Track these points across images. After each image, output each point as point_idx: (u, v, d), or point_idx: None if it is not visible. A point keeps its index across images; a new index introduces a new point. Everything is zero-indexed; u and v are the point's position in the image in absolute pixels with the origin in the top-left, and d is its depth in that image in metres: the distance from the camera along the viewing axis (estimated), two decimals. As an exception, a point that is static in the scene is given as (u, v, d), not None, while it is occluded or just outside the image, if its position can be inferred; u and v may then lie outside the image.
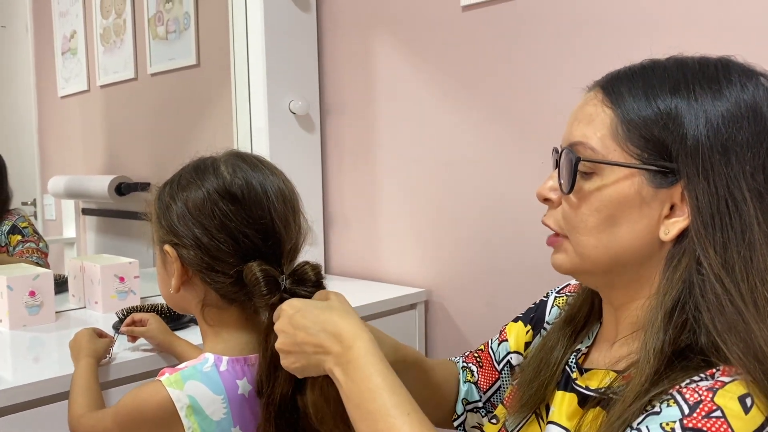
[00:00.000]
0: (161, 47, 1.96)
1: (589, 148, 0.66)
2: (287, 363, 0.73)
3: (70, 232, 1.99)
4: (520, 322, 0.94)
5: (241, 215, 0.80)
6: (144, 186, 1.90)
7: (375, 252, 1.74)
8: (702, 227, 0.61)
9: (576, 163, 0.66)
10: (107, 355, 1.06)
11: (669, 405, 0.56)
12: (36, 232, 1.70)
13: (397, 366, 0.75)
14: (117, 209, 1.93)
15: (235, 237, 0.80)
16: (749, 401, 0.54)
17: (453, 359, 1.00)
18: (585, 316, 0.78)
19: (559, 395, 0.73)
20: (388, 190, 1.70)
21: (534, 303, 0.94)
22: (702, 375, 0.57)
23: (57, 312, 1.37)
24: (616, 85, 0.67)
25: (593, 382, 0.69)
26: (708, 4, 1.15)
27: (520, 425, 0.78)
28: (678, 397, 0.56)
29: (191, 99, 1.97)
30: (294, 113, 1.74)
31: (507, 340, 0.94)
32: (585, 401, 0.69)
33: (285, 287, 0.80)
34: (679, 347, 0.60)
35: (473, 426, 0.96)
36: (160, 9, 1.96)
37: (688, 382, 0.57)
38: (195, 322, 1.26)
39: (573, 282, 0.88)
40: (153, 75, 2.00)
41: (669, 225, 0.64)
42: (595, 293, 0.77)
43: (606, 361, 0.70)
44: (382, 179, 1.71)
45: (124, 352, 1.10)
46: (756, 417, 0.54)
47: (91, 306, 1.43)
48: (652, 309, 0.63)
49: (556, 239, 0.71)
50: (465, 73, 1.51)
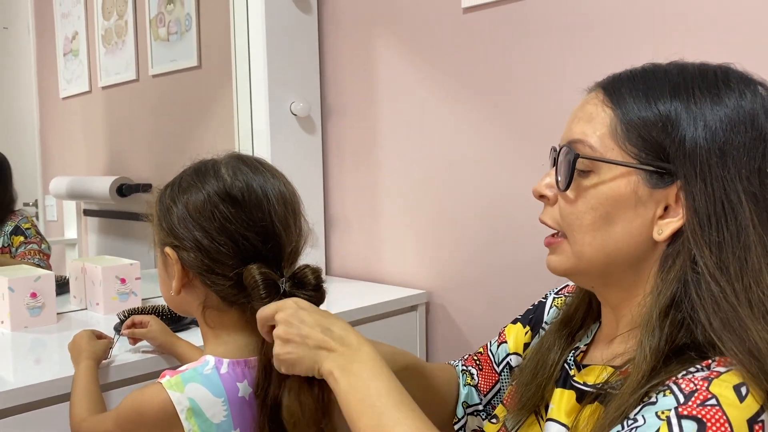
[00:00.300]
0: (163, 49, 1.96)
1: (588, 145, 0.67)
2: (282, 351, 0.73)
3: (71, 233, 1.99)
4: (519, 323, 0.95)
5: (242, 218, 0.80)
6: (145, 187, 1.90)
7: (376, 253, 1.74)
8: (698, 227, 0.62)
9: (574, 160, 0.67)
10: (107, 356, 1.06)
11: (665, 395, 0.57)
12: (39, 233, 1.70)
13: (396, 374, 0.75)
14: (118, 210, 1.93)
15: (235, 239, 0.80)
16: (744, 390, 0.55)
17: (452, 363, 1.01)
18: (582, 316, 0.79)
19: (558, 392, 0.73)
20: (389, 191, 1.70)
21: (533, 305, 0.95)
22: (698, 366, 0.58)
23: (58, 313, 1.37)
24: (617, 86, 0.68)
25: (590, 377, 0.70)
26: (710, 9, 1.15)
27: (519, 424, 0.78)
28: (674, 387, 0.57)
29: (192, 100, 1.97)
30: (295, 115, 1.74)
31: (506, 341, 0.94)
32: (583, 397, 0.70)
33: (284, 290, 0.80)
34: (676, 345, 0.61)
35: (473, 429, 0.97)
36: (161, 10, 1.96)
37: (684, 373, 0.58)
38: (196, 323, 1.26)
39: (571, 283, 0.88)
40: (154, 76, 2.00)
41: (662, 225, 0.65)
42: (592, 294, 0.77)
43: (604, 358, 0.71)
44: (383, 180, 1.71)
45: (124, 353, 1.11)
46: (751, 405, 0.55)
47: (93, 307, 1.43)
48: (647, 308, 0.64)
49: (553, 240, 0.71)
50: (466, 75, 1.51)
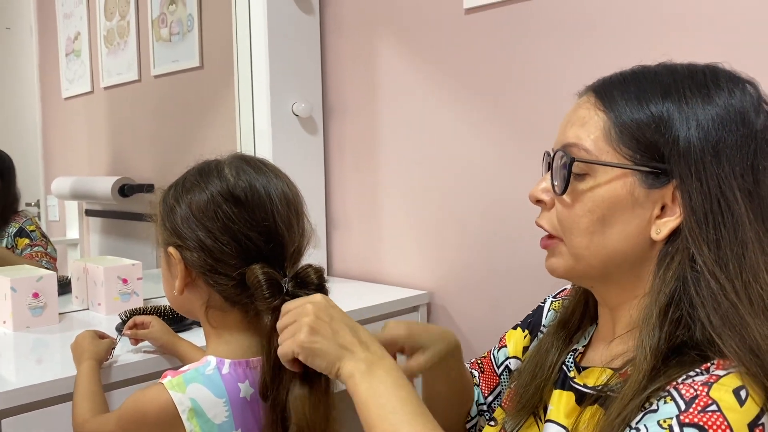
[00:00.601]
0: (164, 49, 1.97)
1: (583, 149, 0.67)
2: (308, 340, 0.71)
3: (73, 233, 1.99)
4: (518, 328, 0.95)
5: (244, 218, 0.81)
6: (147, 187, 1.90)
7: (377, 254, 1.74)
8: (696, 226, 0.62)
9: (570, 164, 0.67)
10: (109, 357, 1.06)
11: (666, 402, 0.57)
12: (44, 235, 1.69)
13: (450, 353, 0.86)
14: (120, 210, 1.93)
15: (238, 239, 0.80)
16: (744, 393, 0.56)
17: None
18: (579, 318, 0.80)
19: (557, 394, 0.73)
20: (390, 192, 1.70)
21: (532, 310, 0.95)
22: (697, 370, 0.59)
23: (60, 313, 1.37)
24: (608, 90, 0.68)
25: (590, 379, 0.70)
26: (711, 9, 1.15)
27: (518, 426, 0.78)
28: (674, 394, 0.57)
29: (194, 101, 1.97)
30: (297, 115, 1.74)
31: (506, 345, 0.95)
32: (582, 399, 0.70)
33: (287, 290, 0.80)
34: (675, 343, 0.62)
35: (480, 429, 0.97)
36: (163, 11, 1.97)
37: (684, 377, 0.58)
38: (198, 323, 1.26)
39: (569, 286, 0.89)
40: (156, 77, 2.00)
41: (660, 225, 0.65)
42: (589, 295, 0.78)
43: (602, 359, 0.71)
44: (384, 181, 1.71)
45: (126, 354, 1.11)
46: (751, 408, 0.55)
47: (94, 307, 1.43)
48: (646, 307, 0.64)
49: (550, 241, 0.72)
50: (467, 76, 1.51)
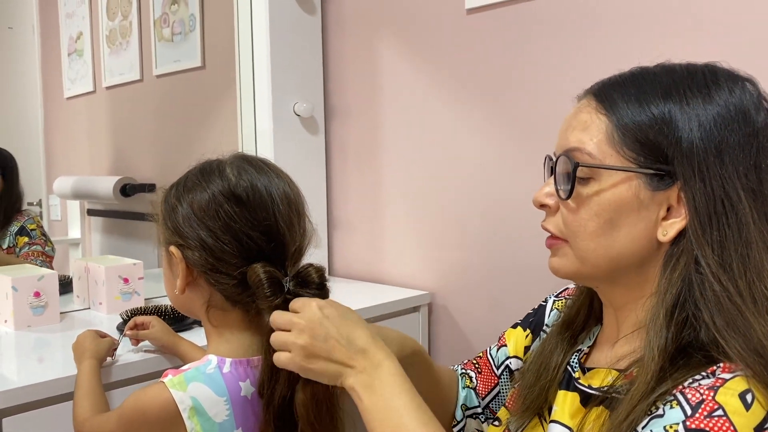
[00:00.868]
0: (166, 49, 1.97)
1: (586, 153, 0.67)
2: (305, 364, 0.72)
3: (75, 232, 2.00)
4: (519, 327, 0.95)
5: (246, 217, 0.81)
6: (149, 187, 1.90)
7: (378, 254, 1.74)
8: (699, 227, 0.62)
9: (575, 169, 0.67)
10: (111, 357, 1.06)
11: (672, 407, 0.57)
12: (44, 234, 1.69)
13: (404, 360, 0.77)
14: (122, 210, 1.94)
15: (240, 239, 0.81)
16: (750, 397, 0.55)
17: (452, 367, 1.01)
18: (584, 318, 0.79)
19: (561, 394, 0.73)
20: (392, 192, 1.70)
21: (533, 308, 0.95)
22: (704, 373, 0.59)
23: (61, 313, 1.37)
24: (608, 93, 0.68)
25: (595, 380, 0.70)
26: (714, 9, 1.15)
27: (522, 427, 0.78)
28: (680, 398, 0.57)
29: (196, 101, 1.97)
30: (298, 115, 1.74)
31: (506, 345, 0.94)
32: (587, 400, 0.69)
33: (288, 289, 0.80)
34: (681, 344, 0.62)
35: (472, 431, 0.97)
36: (165, 11, 1.97)
37: (690, 381, 0.58)
38: (198, 323, 1.26)
39: (572, 285, 0.89)
40: (158, 77, 2.01)
41: (667, 226, 0.65)
42: (593, 295, 0.77)
43: (608, 360, 0.70)
44: (386, 181, 1.71)
45: (127, 353, 1.11)
46: (757, 412, 0.55)
47: (96, 307, 1.43)
48: (653, 308, 0.64)
49: (555, 241, 0.72)
50: (469, 76, 1.51)
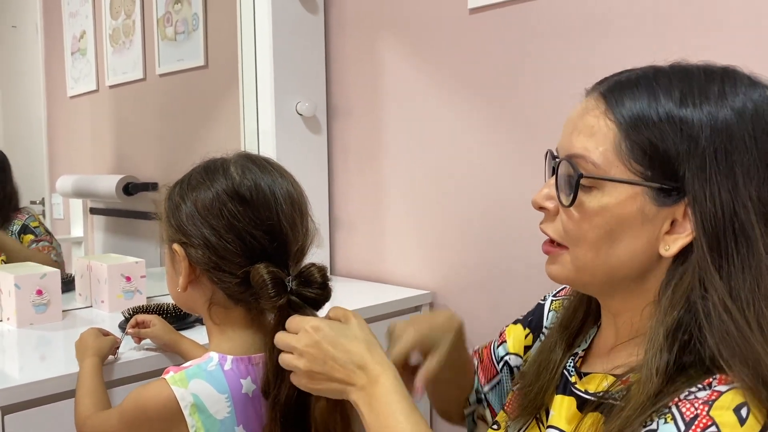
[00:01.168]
0: (170, 48, 1.97)
1: (591, 162, 0.64)
2: (310, 386, 0.74)
3: (77, 231, 2.00)
4: (519, 324, 0.94)
5: (249, 216, 0.81)
6: (151, 186, 1.91)
7: (380, 254, 1.74)
8: (707, 249, 0.59)
9: (578, 180, 0.64)
10: (113, 355, 1.06)
11: (666, 421, 0.55)
12: (48, 231, 1.70)
13: (455, 335, 0.87)
14: (124, 209, 1.94)
15: (243, 237, 0.81)
16: (745, 411, 0.54)
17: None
18: (581, 319, 0.78)
19: (558, 399, 0.72)
20: (393, 191, 1.70)
21: (533, 307, 0.95)
22: (699, 385, 0.57)
23: (64, 311, 1.37)
24: (618, 96, 0.64)
25: (591, 386, 0.69)
26: (719, 8, 1.15)
27: (520, 430, 0.78)
28: (675, 412, 0.55)
29: (199, 100, 1.97)
30: (301, 115, 1.75)
31: (506, 341, 0.94)
32: (583, 405, 0.68)
33: (291, 288, 0.81)
34: (682, 364, 0.59)
35: (479, 417, 0.96)
36: (169, 10, 1.97)
37: (686, 393, 0.57)
38: (200, 321, 1.26)
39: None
40: (161, 76, 2.01)
41: (670, 241, 0.62)
42: (590, 297, 0.76)
43: (604, 366, 0.69)
44: (387, 181, 1.71)
45: (129, 351, 1.11)
46: (753, 426, 0.53)
47: (98, 305, 1.44)
48: (652, 327, 0.61)
49: (553, 249, 0.69)
50: (472, 76, 1.51)
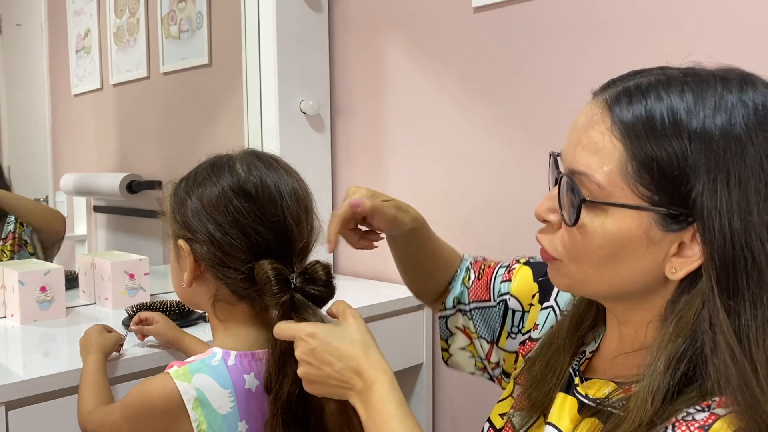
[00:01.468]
0: (174, 46, 1.97)
1: (595, 183, 0.60)
2: (311, 389, 0.76)
3: (81, 229, 2.00)
4: (530, 271, 0.91)
5: (254, 212, 0.81)
6: (155, 184, 1.91)
7: (383, 252, 1.74)
8: (716, 284, 0.56)
9: (580, 204, 0.61)
10: (117, 351, 1.07)
11: None
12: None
13: (410, 223, 0.93)
14: (128, 207, 1.94)
15: (248, 234, 0.81)
16: None
17: (464, 256, 1.01)
18: (592, 319, 0.77)
19: (561, 397, 0.71)
20: (397, 190, 1.70)
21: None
22: (698, 407, 0.55)
23: (67, 307, 1.38)
24: (625, 110, 0.60)
25: (592, 390, 0.68)
26: (726, 8, 1.15)
27: (526, 426, 0.77)
28: None
29: (203, 98, 1.98)
30: (304, 113, 1.75)
31: (511, 280, 0.92)
32: (582, 408, 0.68)
33: (295, 285, 0.81)
34: (682, 391, 0.58)
35: (457, 326, 0.97)
36: (173, 8, 1.97)
37: (684, 414, 0.55)
38: (203, 319, 1.27)
39: None
40: (165, 74, 2.01)
41: (676, 264, 0.59)
42: None
43: (606, 372, 0.69)
44: (391, 179, 1.71)
45: (133, 348, 1.11)
46: None
47: (101, 302, 1.44)
48: (653, 351, 0.59)
49: (550, 259, 0.67)
50: (476, 75, 1.51)
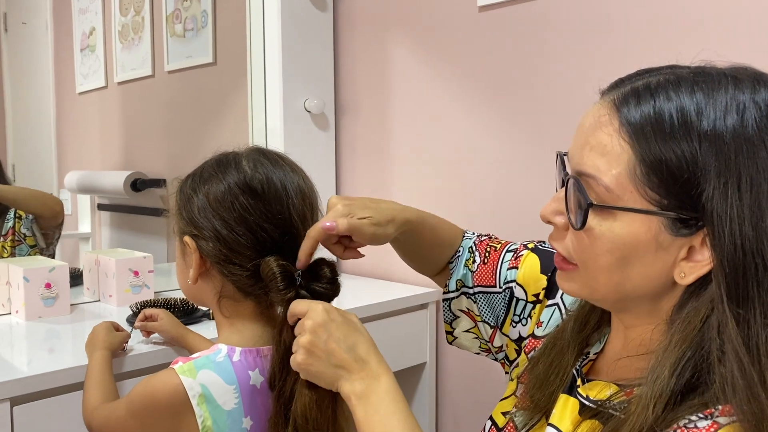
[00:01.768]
0: (178, 45, 1.98)
1: (603, 185, 0.59)
2: (303, 362, 0.74)
3: (85, 227, 2.01)
4: (537, 260, 0.89)
5: (260, 209, 0.82)
6: (160, 182, 1.91)
7: (387, 251, 1.74)
8: (725, 292, 0.55)
9: (587, 208, 0.60)
10: (123, 348, 1.07)
11: None
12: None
13: (400, 229, 0.89)
14: (132, 205, 1.94)
15: (254, 230, 0.81)
16: None
17: (466, 233, 0.98)
18: (597, 320, 0.77)
19: (563, 398, 0.71)
20: (401, 189, 1.70)
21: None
22: (700, 414, 0.55)
23: (72, 304, 1.38)
24: (634, 111, 0.59)
25: (593, 392, 0.67)
26: (732, 8, 1.15)
27: (529, 426, 0.77)
28: None
29: (207, 97, 1.98)
30: (309, 112, 1.75)
31: (517, 267, 0.90)
32: (583, 410, 0.67)
33: (300, 282, 0.81)
34: (685, 398, 0.57)
35: (461, 309, 0.95)
36: (178, 7, 1.98)
37: (686, 421, 0.55)
38: (207, 317, 1.27)
39: None
40: (170, 72, 2.02)
41: (686, 268, 0.59)
42: None
43: (608, 374, 0.68)
44: (395, 178, 1.71)
45: (138, 345, 1.12)
46: None
47: (106, 299, 1.44)
48: (658, 355, 0.59)
49: (565, 265, 0.67)
50: (480, 74, 1.51)
